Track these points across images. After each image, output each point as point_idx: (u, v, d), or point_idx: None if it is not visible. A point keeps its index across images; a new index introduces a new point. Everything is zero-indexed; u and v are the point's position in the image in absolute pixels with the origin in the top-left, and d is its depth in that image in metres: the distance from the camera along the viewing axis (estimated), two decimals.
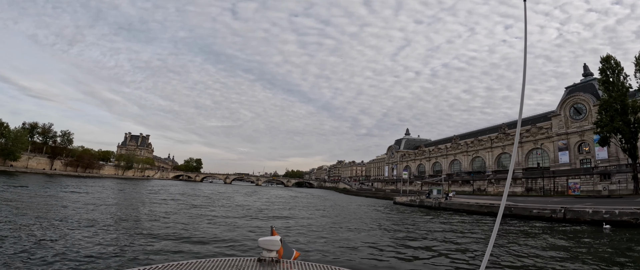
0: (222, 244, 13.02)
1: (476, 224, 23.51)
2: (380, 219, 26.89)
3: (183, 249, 11.70)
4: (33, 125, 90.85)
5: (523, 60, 2.38)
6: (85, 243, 11.26)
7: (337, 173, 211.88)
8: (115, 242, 11.84)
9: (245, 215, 24.40)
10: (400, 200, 44.78)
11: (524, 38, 2.39)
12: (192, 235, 14.28)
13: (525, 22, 2.39)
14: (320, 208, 35.01)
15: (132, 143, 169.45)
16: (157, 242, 12.57)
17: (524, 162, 71.41)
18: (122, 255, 10.07)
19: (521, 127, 79.84)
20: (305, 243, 14.05)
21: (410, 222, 24.18)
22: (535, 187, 52.91)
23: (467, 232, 19.17)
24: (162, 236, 13.70)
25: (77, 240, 11.64)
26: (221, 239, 13.87)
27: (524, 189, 54.52)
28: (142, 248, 11.28)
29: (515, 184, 56.42)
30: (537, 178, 53.91)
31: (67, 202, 25.09)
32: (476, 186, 61.48)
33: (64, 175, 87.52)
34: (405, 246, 14.41)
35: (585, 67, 68.57)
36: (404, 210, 36.07)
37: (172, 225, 17.13)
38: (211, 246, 12.43)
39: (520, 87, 2.29)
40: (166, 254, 10.76)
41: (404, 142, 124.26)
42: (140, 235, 13.71)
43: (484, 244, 14.96)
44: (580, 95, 62.73)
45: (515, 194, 53.28)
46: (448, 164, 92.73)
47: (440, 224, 23.44)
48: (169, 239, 13.32)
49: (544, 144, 67.88)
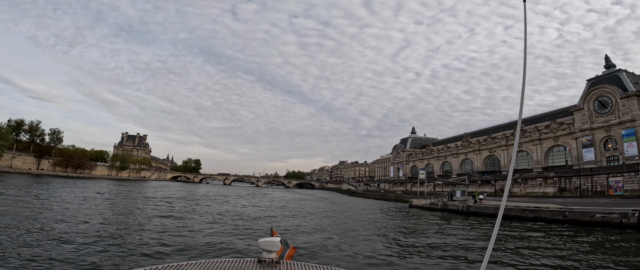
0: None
1: (526, 233, 18.55)
2: (403, 227, 22.01)
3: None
4: (19, 123, 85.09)
5: (523, 60, 2.38)
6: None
7: (340, 173, 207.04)
8: None
9: (230, 231, 16.57)
10: (417, 203, 39.69)
11: (523, 39, 2.39)
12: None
13: (525, 22, 2.40)
14: (330, 214, 30.14)
15: (129, 143, 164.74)
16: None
17: (544, 160, 66.45)
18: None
19: (540, 123, 75.17)
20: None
21: (439, 231, 19.28)
22: (569, 186, 47.87)
23: (524, 248, 14.19)
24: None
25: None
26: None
27: (556, 190, 49.47)
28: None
29: (545, 184, 51.38)
30: (571, 177, 48.87)
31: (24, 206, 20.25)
32: (498, 186, 56.29)
33: (51, 175, 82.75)
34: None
35: (607, 58, 64.60)
36: (423, 215, 31.16)
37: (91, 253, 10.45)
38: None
39: (521, 87, 2.28)
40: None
41: (410, 141, 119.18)
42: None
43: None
44: (605, 87, 57.93)
45: (547, 195, 48.25)
46: (459, 164, 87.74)
47: (478, 233, 18.51)
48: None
49: (565, 141, 63.12)
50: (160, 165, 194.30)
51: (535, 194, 49.72)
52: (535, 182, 53.19)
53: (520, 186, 53.21)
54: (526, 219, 25.04)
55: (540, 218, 24.43)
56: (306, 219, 24.06)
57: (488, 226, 23.11)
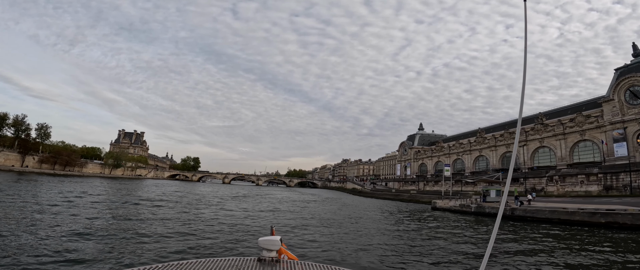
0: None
1: (624, 250, 13.16)
2: (455, 242, 16.73)
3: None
4: (2, 117, 79.36)
5: (523, 60, 2.37)
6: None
7: (343, 172, 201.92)
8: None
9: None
10: (443, 205, 34.19)
11: (524, 38, 2.37)
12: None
13: (525, 22, 2.39)
14: (345, 222, 24.93)
15: (126, 140, 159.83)
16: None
17: (569, 156, 61.10)
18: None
19: (565, 116, 69.63)
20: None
21: (504, 251, 13.84)
22: (616, 184, 42.43)
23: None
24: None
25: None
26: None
27: (601, 188, 44.01)
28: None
29: (588, 182, 45.83)
30: (618, 173, 43.41)
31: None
32: (530, 185, 50.66)
33: (36, 173, 77.35)
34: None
35: (635, 46, 60.59)
36: (457, 221, 25.82)
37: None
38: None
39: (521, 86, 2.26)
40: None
41: (418, 138, 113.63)
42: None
43: None
44: (637, 76, 52.82)
45: (590, 194, 42.75)
46: (472, 161, 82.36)
47: (551, 246, 13.12)
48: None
49: (593, 135, 57.77)
50: (159, 163, 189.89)
51: (576, 193, 44.20)
52: (575, 179, 47.50)
53: (556, 185, 47.61)
54: (597, 225, 19.72)
55: (617, 224, 19.13)
56: (320, 231, 18.80)
57: (534, 230, 17.82)
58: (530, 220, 23.59)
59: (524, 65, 2.32)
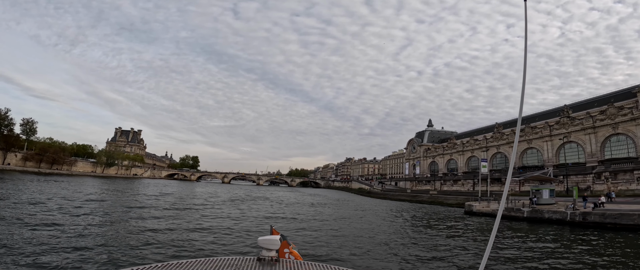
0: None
1: None
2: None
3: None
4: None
5: (523, 59, 2.38)
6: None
7: (347, 171, 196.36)
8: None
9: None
10: (482, 209, 28.52)
11: (524, 37, 2.38)
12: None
13: (526, 21, 2.39)
14: (372, 235, 19.57)
15: (123, 139, 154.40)
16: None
17: (600, 152, 55.51)
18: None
19: (594, 109, 64.05)
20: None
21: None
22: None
23: None
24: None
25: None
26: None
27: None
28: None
29: (638, 182, 40.15)
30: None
31: None
32: (571, 183, 44.81)
33: (19, 171, 71.91)
34: None
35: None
36: (508, 228, 20.33)
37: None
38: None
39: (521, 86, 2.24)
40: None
41: (428, 135, 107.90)
42: None
43: None
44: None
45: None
46: (489, 158, 76.67)
47: None
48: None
49: (627, 128, 52.13)
50: (157, 162, 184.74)
51: (633, 191, 38.51)
52: (630, 176, 41.54)
53: (607, 182, 41.75)
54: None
55: None
56: (343, 252, 13.41)
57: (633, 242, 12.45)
58: (610, 228, 18.13)
59: (524, 65, 2.33)
